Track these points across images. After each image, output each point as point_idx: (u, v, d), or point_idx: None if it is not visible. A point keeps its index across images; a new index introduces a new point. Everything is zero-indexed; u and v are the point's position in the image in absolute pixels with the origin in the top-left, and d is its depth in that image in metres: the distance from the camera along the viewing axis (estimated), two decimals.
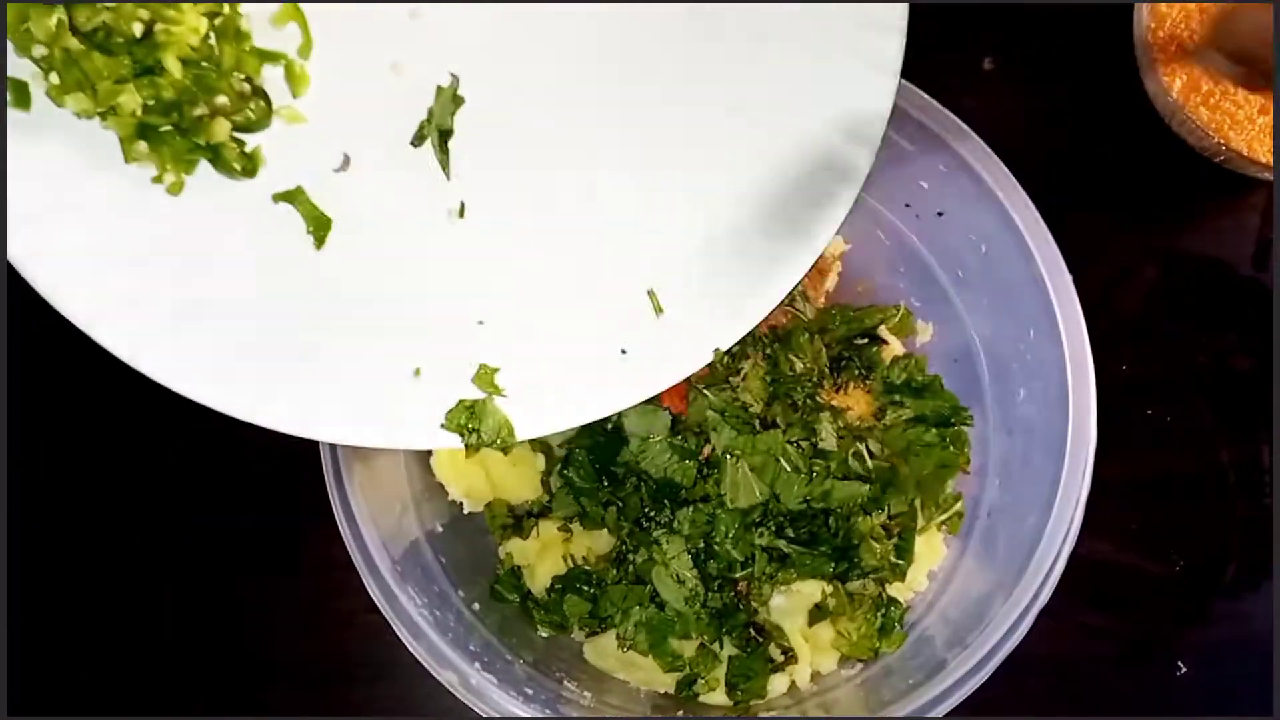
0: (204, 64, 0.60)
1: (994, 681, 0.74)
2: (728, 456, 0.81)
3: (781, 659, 0.82)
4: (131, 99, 0.59)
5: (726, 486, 0.81)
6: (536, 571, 0.85)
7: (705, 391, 0.85)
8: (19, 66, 0.60)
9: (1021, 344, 0.81)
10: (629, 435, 0.84)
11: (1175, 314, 1.00)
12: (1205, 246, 1.02)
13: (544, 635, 0.85)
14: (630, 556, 0.83)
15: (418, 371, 0.68)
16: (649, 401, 0.86)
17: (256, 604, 0.91)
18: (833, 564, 0.81)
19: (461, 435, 0.69)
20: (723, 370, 0.86)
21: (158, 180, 0.63)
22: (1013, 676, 0.85)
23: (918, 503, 0.85)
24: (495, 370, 0.69)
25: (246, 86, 0.62)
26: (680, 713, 0.81)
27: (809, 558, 0.80)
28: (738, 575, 0.81)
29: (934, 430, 0.85)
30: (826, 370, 0.88)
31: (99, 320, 0.64)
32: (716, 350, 0.71)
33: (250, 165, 0.63)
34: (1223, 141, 0.95)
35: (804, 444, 0.83)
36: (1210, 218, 1.04)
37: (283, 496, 0.92)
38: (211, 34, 0.61)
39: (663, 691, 0.83)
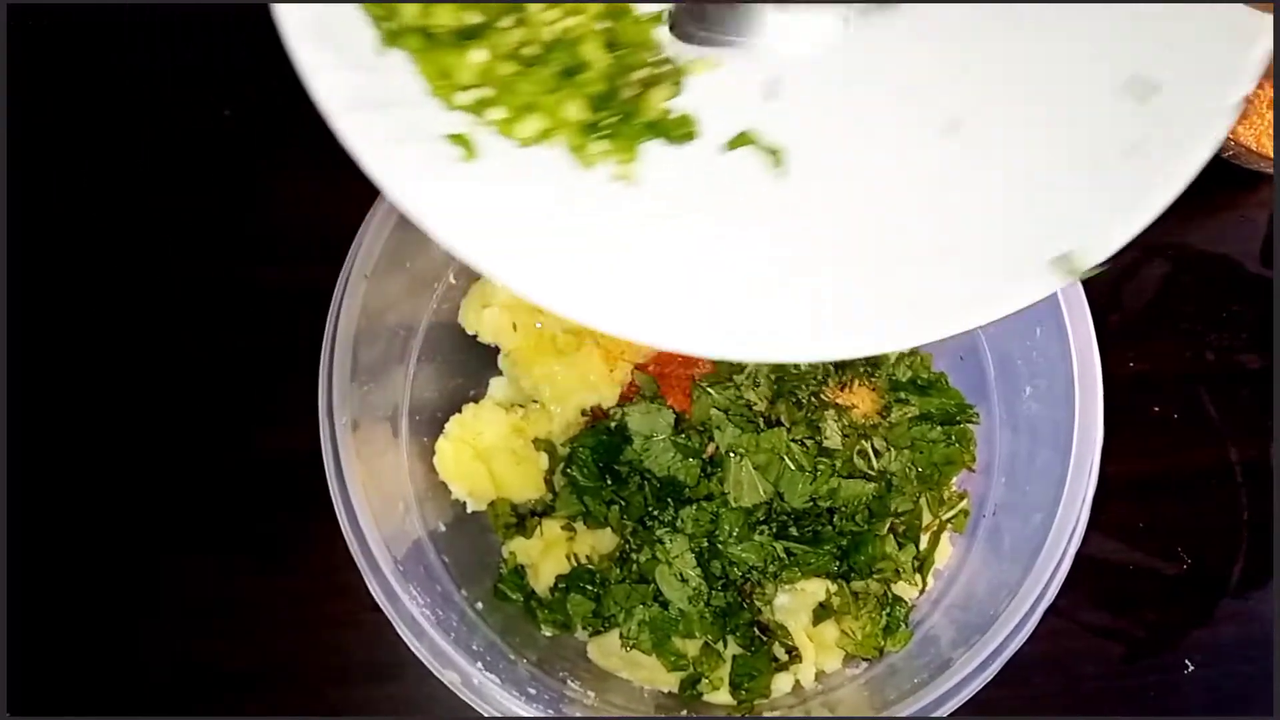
0: (613, 45, 0.58)
1: (1000, 680, 0.73)
2: (731, 455, 0.81)
3: (786, 658, 0.81)
4: (575, 105, 0.57)
5: (730, 485, 0.81)
6: (540, 571, 0.85)
7: (709, 390, 0.85)
8: (439, 121, 0.58)
9: (1028, 341, 0.81)
10: (632, 434, 0.84)
11: (1182, 310, 1.00)
12: (1213, 242, 1.02)
13: (547, 635, 0.84)
14: (634, 555, 0.83)
15: None
16: (652, 400, 0.86)
17: (259, 604, 0.91)
18: (837, 562, 0.80)
19: None
20: (726, 368, 0.86)
21: (619, 176, 0.60)
22: (1019, 675, 0.85)
23: (923, 501, 0.84)
24: None
25: (657, 54, 0.60)
26: (684, 712, 0.80)
27: (813, 556, 0.79)
28: (741, 574, 0.80)
29: (939, 428, 0.85)
30: (831, 368, 0.87)
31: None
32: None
33: (689, 128, 0.60)
34: (1231, 136, 0.94)
35: (808, 442, 0.82)
36: (1218, 213, 1.03)
37: (286, 497, 0.92)
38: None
39: (666, 691, 0.83)
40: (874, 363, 0.89)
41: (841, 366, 0.89)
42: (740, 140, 0.60)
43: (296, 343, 0.82)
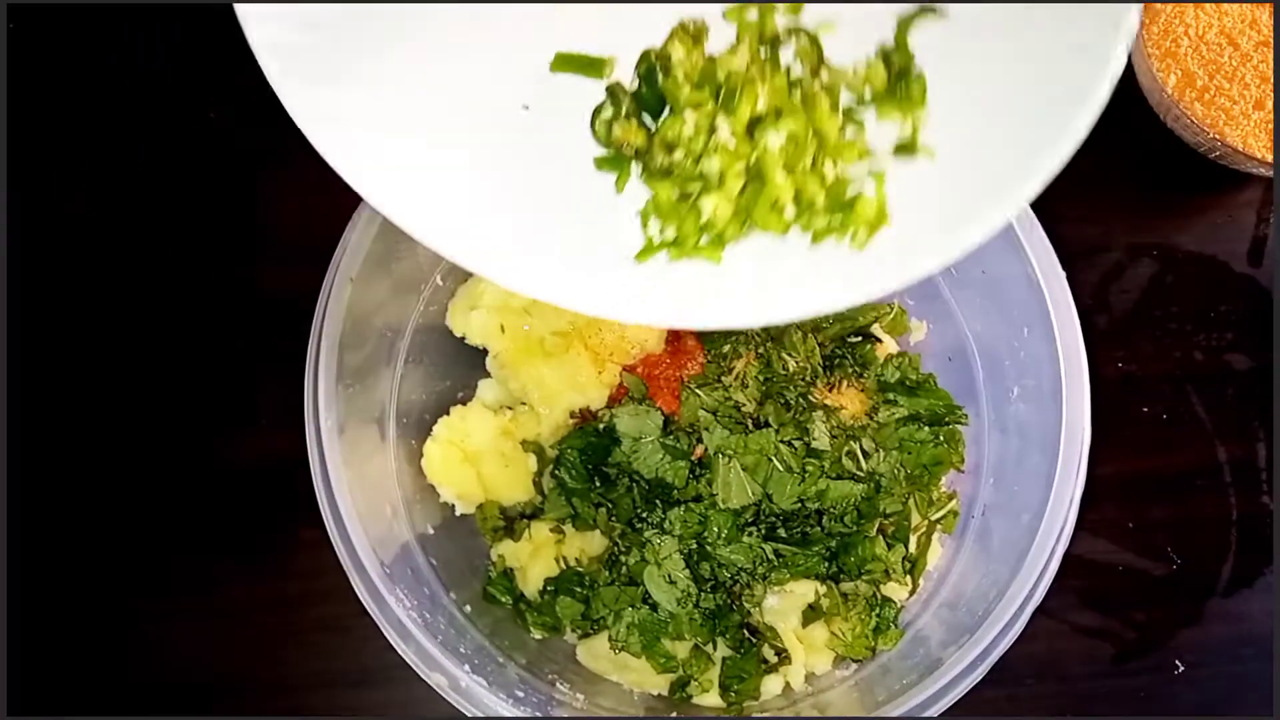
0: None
1: (991, 681, 0.73)
2: (720, 456, 0.81)
3: (775, 660, 0.81)
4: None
5: (719, 486, 0.81)
6: (529, 573, 0.85)
7: (697, 391, 0.84)
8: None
9: (1015, 342, 0.81)
10: (621, 436, 0.84)
11: (1171, 311, 1.00)
12: (1200, 243, 1.02)
13: (536, 637, 0.84)
14: (622, 558, 0.83)
15: None
16: (640, 402, 0.86)
17: (247, 609, 0.91)
18: (826, 564, 0.80)
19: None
20: (715, 369, 0.86)
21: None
22: (1009, 676, 0.85)
23: (912, 502, 0.84)
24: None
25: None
26: (674, 714, 0.80)
27: (802, 558, 0.79)
28: (730, 575, 0.80)
29: (928, 429, 0.85)
30: (819, 369, 0.87)
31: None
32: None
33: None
34: (1218, 137, 0.95)
35: (797, 443, 0.82)
36: (1205, 214, 1.03)
37: (274, 500, 0.91)
38: None
39: (656, 693, 0.83)
40: (863, 363, 0.89)
41: (830, 367, 0.89)
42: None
43: (284, 345, 0.81)
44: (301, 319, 0.78)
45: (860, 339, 0.89)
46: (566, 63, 0.60)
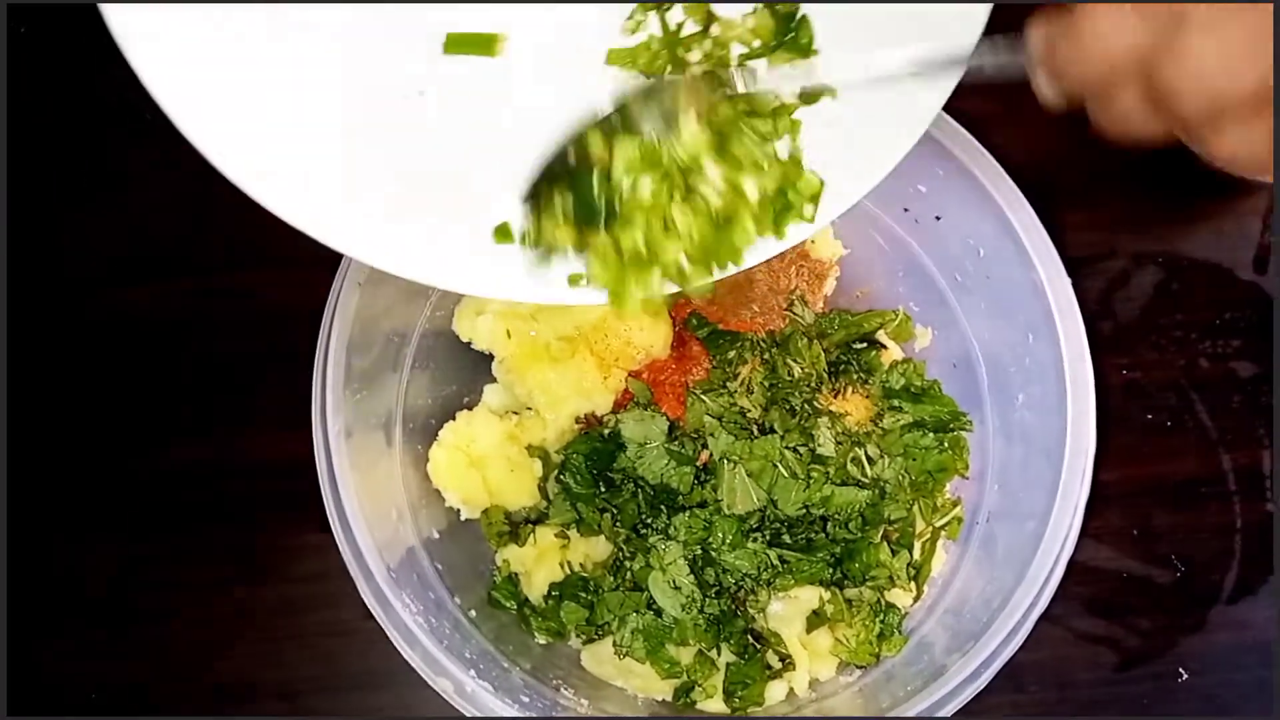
0: None
1: (994, 688, 0.73)
2: (725, 462, 0.81)
3: (780, 666, 0.81)
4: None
5: (724, 492, 0.81)
6: (534, 578, 0.85)
7: (702, 397, 0.85)
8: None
9: (1020, 348, 0.81)
10: (626, 441, 0.84)
11: (1175, 318, 1.00)
12: (1206, 250, 1.02)
13: (541, 642, 0.84)
14: (627, 563, 0.83)
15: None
16: (645, 407, 0.86)
17: (252, 612, 0.91)
18: (830, 570, 0.80)
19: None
20: (720, 375, 0.86)
21: None
22: (1013, 683, 0.85)
23: (917, 508, 0.84)
24: None
25: None
26: None
27: (806, 564, 0.79)
28: (735, 581, 0.80)
29: (932, 435, 0.85)
30: (825, 375, 0.88)
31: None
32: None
33: None
34: None
35: (802, 449, 0.82)
36: (1210, 221, 1.03)
37: (280, 504, 0.92)
38: None
39: (660, 699, 0.83)
40: (868, 369, 0.89)
41: (835, 374, 0.89)
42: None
43: (290, 349, 0.82)
44: (307, 323, 0.78)
45: (865, 345, 0.90)
46: (459, 44, 0.61)
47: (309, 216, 0.59)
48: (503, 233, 0.63)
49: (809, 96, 0.62)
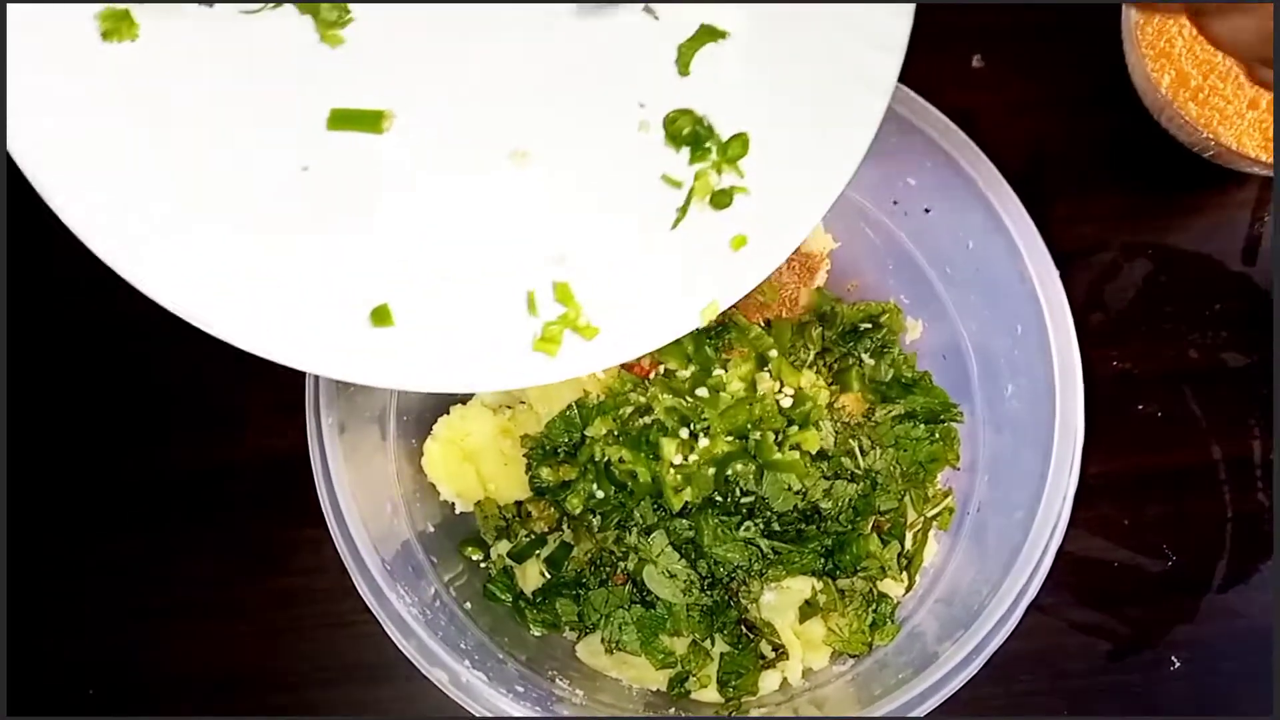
0: None
1: (986, 678, 0.74)
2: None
3: (773, 655, 0.82)
4: None
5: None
6: (528, 572, 0.86)
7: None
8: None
9: (1010, 340, 0.81)
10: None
11: (1165, 309, 1.00)
12: (1195, 242, 1.02)
13: (537, 634, 0.85)
14: (621, 564, 0.83)
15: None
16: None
17: (248, 607, 0.91)
18: (822, 560, 0.81)
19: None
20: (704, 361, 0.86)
21: None
22: (1005, 673, 0.86)
23: (908, 499, 0.85)
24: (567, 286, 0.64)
25: None
26: (673, 710, 0.81)
27: (798, 554, 0.80)
28: (727, 573, 0.81)
29: (923, 426, 0.86)
30: (824, 367, 0.88)
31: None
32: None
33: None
34: (1212, 136, 0.95)
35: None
36: (1200, 213, 1.04)
37: (274, 499, 0.92)
38: None
39: (655, 689, 0.83)
40: (883, 346, 0.90)
41: (836, 365, 0.89)
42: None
43: None
44: None
45: (872, 326, 0.89)
46: (343, 120, 0.60)
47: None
48: (380, 316, 0.62)
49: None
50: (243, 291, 0.60)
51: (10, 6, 0.53)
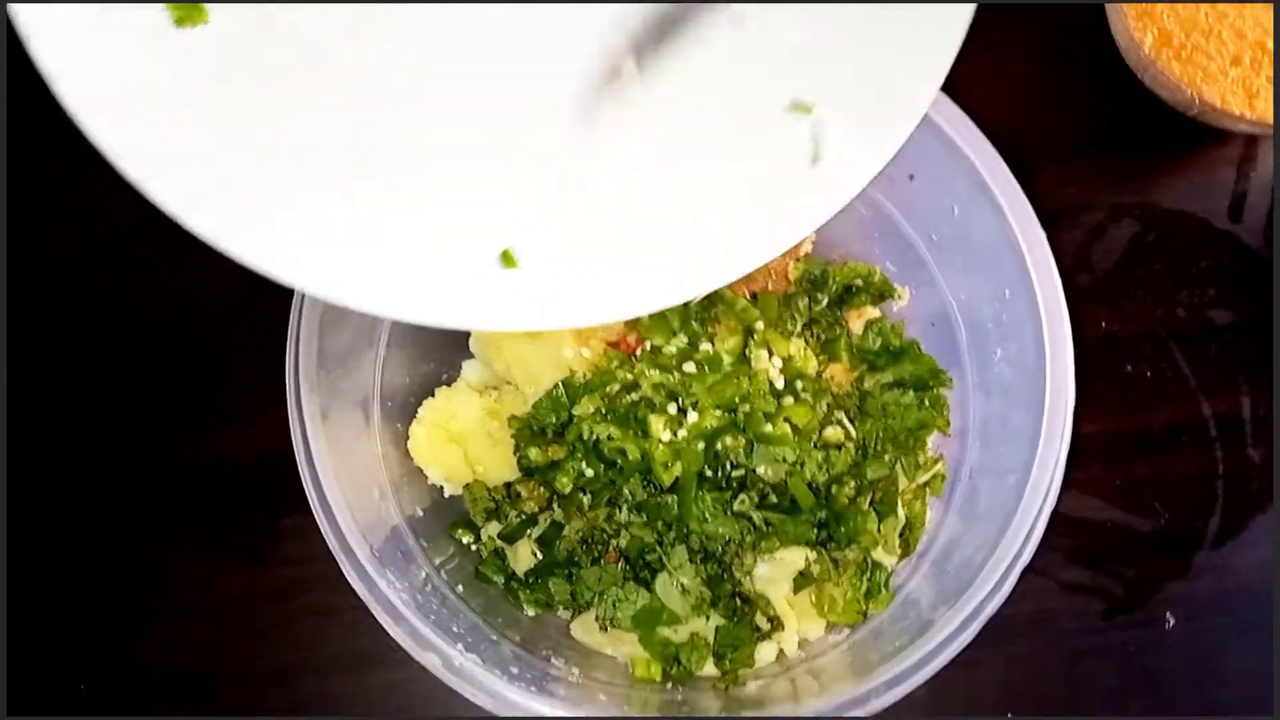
0: None
1: (982, 641, 0.73)
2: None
3: (768, 628, 0.82)
4: None
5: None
6: (519, 552, 0.85)
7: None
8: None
9: (997, 304, 0.81)
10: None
11: (1153, 269, 1.00)
12: (1181, 200, 1.02)
13: (530, 614, 0.84)
14: (613, 541, 0.82)
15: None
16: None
17: (236, 601, 0.90)
18: (815, 530, 0.80)
19: None
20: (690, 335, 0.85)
21: None
22: (1000, 635, 0.85)
23: (899, 467, 0.85)
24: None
25: None
26: (669, 685, 0.80)
27: (791, 525, 0.79)
28: (719, 546, 0.80)
29: (912, 393, 0.85)
30: (811, 338, 0.87)
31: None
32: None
33: None
34: (1196, 94, 0.94)
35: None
36: (1185, 171, 1.03)
37: (258, 491, 0.91)
38: None
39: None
40: (881, 293, 0.89)
41: (824, 334, 0.88)
42: None
43: (268, 335, 0.80)
44: (271, 309, 0.78)
45: (863, 284, 0.89)
46: None
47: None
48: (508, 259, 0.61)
49: None
50: (386, 259, 0.59)
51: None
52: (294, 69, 0.56)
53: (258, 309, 0.82)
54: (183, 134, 0.54)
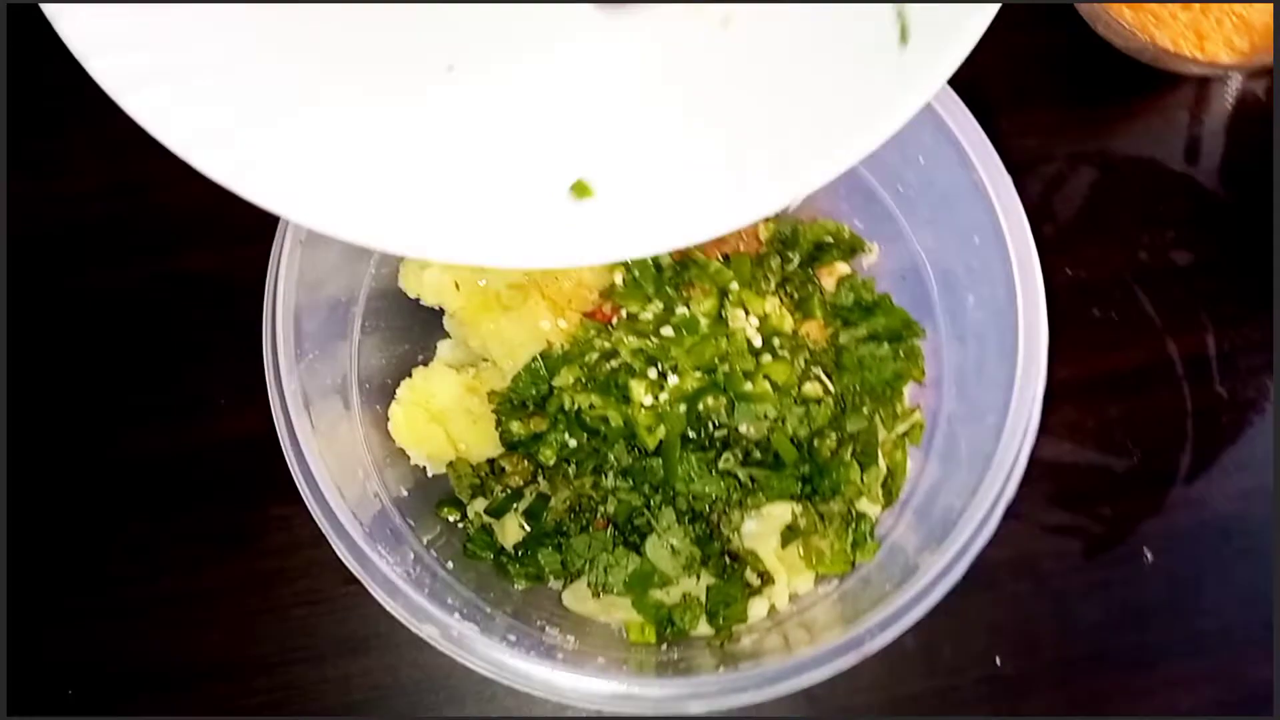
0: None
1: (968, 587, 0.74)
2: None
3: (759, 583, 0.82)
4: None
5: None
6: (507, 527, 0.85)
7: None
8: None
9: (967, 251, 0.81)
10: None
11: (1112, 214, 1.02)
12: (1138, 146, 1.04)
13: (521, 588, 0.84)
14: (600, 508, 0.83)
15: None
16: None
17: (226, 592, 0.90)
18: (799, 484, 0.81)
19: None
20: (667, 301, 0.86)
21: None
22: (985, 579, 0.87)
23: (878, 418, 0.85)
24: None
25: None
26: (664, 646, 0.81)
27: (776, 479, 0.80)
28: (707, 505, 0.81)
29: (887, 345, 0.86)
30: (786, 297, 0.88)
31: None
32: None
33: None
34: (1149, 39, 0.96)
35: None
36: (1141, 117, 1.05)
37: (242, 481, 0.91)
38: None
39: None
40: (852, 249, 0.90)
41: (802, 299, 0.89)
42: None
43: (243, 325, 0.79)
44: (242, 298, 0.77)
45: (821, 249, 0.89)
46: None
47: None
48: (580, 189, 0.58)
49: None
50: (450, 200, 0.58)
51: None
52: None
53: (233, 300, 0.81)
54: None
